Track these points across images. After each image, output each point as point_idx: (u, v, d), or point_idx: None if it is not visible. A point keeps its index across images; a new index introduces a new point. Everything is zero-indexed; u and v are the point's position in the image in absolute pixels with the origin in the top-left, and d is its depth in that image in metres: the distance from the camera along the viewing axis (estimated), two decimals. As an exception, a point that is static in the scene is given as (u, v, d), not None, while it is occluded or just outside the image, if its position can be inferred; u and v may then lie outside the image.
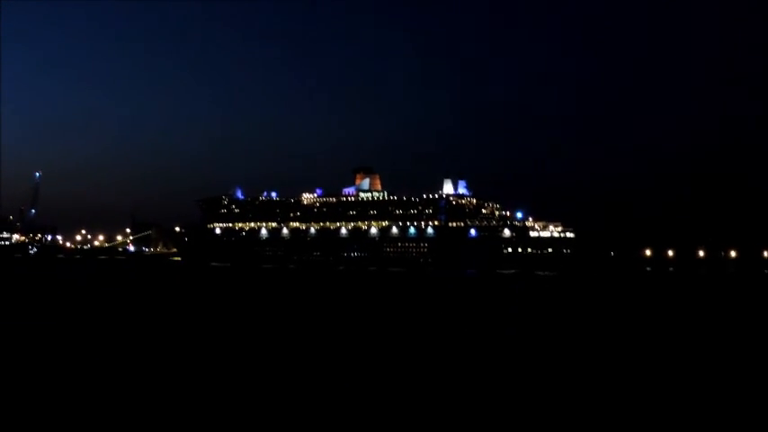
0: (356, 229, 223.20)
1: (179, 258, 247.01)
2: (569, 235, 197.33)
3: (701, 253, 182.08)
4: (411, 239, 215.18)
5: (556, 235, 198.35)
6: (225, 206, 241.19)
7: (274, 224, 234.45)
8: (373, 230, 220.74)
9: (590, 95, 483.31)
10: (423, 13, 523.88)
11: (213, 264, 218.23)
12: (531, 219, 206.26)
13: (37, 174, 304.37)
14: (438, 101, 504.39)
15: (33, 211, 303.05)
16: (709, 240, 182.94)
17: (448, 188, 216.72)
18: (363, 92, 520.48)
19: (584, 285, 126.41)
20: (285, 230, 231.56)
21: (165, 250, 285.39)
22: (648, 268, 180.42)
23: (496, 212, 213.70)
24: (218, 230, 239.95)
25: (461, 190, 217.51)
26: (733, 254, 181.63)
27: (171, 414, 28.48)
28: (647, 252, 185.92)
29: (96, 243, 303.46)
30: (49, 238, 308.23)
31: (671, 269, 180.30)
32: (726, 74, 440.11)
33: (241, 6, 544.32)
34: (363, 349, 46.43)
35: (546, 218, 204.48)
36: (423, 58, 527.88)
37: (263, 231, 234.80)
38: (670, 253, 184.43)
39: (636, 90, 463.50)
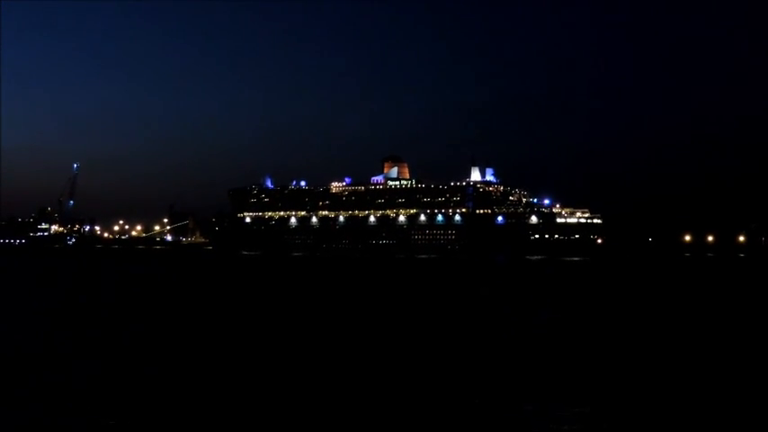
0: (384, 217, 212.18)
1: (210, 247, 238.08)
2: (596, 221, 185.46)
3: (742, 238, 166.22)
4: (439, 227, 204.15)
5: (583, 221, 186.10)
6: (254, 195, 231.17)
7: (303, 213, 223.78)
8: (401, 218, 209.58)
9: (619, 80, 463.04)
10: (451, 1, 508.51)
11: (243, 252, 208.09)
12: (558, 205, 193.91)
13: (75, 165, 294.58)
14: (466, 89, 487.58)
15: (71, 202, 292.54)
16: (750, 226, 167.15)
17: (475, 175, 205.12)
18: (391, 81, 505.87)
19: (610, 271, 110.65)
20: (314, 219, 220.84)
21: (202, 239, 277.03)
22: (688, 254, 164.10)
23: (523, 199, 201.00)
24: (248, 219, 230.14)
25: (489, 177, 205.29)
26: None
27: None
28: (687, 237, 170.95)
29: (134, 233, 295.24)
30: (87, 228, 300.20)
31: (710, 254, 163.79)
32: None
33: (274, 3, 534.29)
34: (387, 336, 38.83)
35: (573, 204, 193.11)
36: (450, 48, 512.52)
37: (293, 220, 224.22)
38: (710, 238, 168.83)
39: (669, 70, 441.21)
